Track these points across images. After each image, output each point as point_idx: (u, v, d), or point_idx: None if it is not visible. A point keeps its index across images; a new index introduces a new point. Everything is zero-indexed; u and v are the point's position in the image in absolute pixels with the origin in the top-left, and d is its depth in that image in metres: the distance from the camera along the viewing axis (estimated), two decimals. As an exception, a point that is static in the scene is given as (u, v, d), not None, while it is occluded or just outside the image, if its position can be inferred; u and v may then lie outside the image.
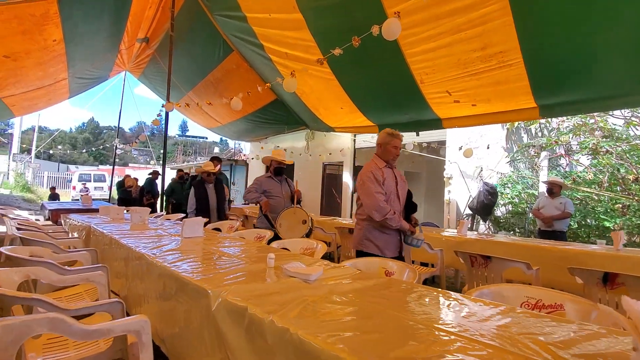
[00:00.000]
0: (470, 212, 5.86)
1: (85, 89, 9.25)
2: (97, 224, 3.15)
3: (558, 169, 6.52)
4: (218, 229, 3.78)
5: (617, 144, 5.39)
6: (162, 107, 6.30)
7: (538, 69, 3.57)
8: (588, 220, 5.21)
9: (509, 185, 5.86)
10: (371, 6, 3.77)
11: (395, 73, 4.47)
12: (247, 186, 3.68)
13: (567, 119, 5.77)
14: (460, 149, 5.59)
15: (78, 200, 15.86)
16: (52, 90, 7.42)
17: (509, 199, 5.78)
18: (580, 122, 5.50)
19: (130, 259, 2.22)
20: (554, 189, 4.49)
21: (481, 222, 5.96)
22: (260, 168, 11.55)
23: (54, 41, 5.36)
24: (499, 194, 5.63)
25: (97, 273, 1.61)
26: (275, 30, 5.14)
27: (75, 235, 3.28)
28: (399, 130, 2.72)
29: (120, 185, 9.95)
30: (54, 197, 12.96)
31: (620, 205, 5.25)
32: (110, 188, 14.39)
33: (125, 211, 4.09)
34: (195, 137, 61.85)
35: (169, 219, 4.29)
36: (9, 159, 19.80)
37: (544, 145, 5.79)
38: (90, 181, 18.01)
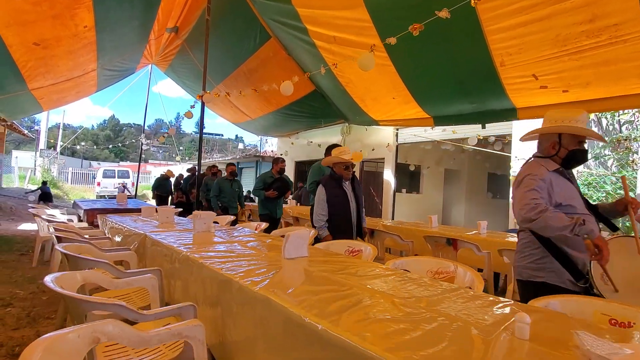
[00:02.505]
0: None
1: (112, 82, 9.01)
2: (153, 233, 2.56)
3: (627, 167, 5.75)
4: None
5: None
6: (196, 99, 5.92)
7: (662, 44, 2.93)
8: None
9: (595, 185, 5.12)
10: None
11: (469, 54, 3.88)
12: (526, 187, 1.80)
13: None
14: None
15: (104, 197, 15.86)
16: (82, 82, 7.14)
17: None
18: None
19: (234, 292, 1.53)
20: None
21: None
22: (289, 164, 10.95)
23: (85, 27, 5.01)
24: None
25: (194, 325, 1.05)
26: (323, 10, 4.60)
27: (117, 239, 2.87)
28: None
29: (160, 181, 9.53)
30: (45, 194, 11.59)
31: None
32: (134, 184, 14.28)
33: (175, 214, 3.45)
34: (212, 134, 62.21)
35: (216, 222, 3.81)
36: (36, 154, 20.10)
37: (637, 137, 5.02)
38: (114, 177, 18.03)
